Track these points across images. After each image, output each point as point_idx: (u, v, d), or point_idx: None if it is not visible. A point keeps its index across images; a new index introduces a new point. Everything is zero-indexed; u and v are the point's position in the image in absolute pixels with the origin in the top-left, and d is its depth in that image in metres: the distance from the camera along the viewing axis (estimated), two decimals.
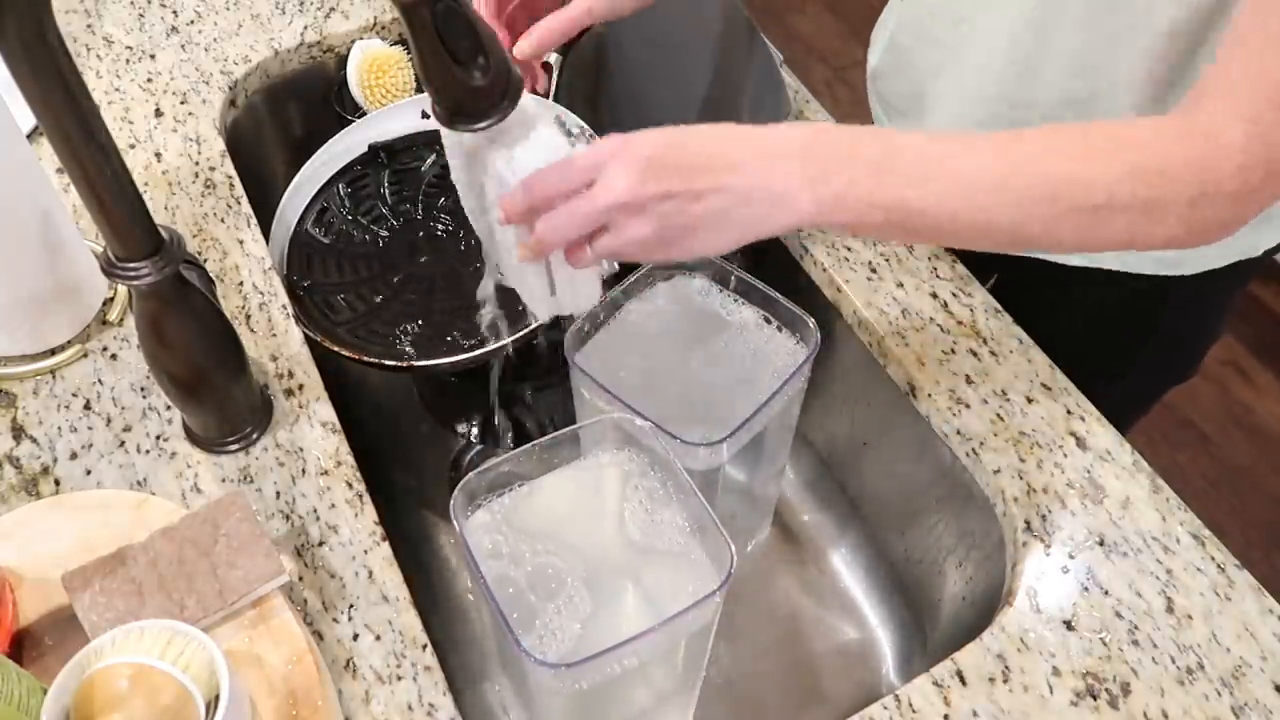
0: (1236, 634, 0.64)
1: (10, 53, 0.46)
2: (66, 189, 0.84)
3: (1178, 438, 1.79)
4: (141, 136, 0.91)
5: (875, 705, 0.61)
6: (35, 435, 0.71)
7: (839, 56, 1.87)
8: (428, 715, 0.59)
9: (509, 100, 0.55)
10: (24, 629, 0.59)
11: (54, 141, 0.50)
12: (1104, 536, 0.68)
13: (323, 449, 0.70)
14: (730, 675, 0.82)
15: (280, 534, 0.66)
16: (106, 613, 0.56)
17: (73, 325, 0.75)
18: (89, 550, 0.59)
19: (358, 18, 1.03)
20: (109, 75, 0.97)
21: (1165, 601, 0.65)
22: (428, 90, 0.55)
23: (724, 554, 0.55)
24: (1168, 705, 0.61)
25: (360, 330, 0.81)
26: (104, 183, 0.52)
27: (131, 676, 0.50)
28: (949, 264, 0.83)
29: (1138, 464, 0.71)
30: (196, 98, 0.95)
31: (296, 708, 0.56)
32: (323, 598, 0.63)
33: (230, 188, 0.87)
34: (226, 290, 0.79)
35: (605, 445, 0.63)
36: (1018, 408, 0.74)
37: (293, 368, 0.75)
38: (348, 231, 0.88)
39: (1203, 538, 0.68)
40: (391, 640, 0.62)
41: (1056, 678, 0.62)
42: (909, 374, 0.77)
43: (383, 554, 0.66)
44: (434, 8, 0.49)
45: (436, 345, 0.79)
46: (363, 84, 0.96)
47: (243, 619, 0.59)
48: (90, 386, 0.73)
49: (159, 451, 0.70)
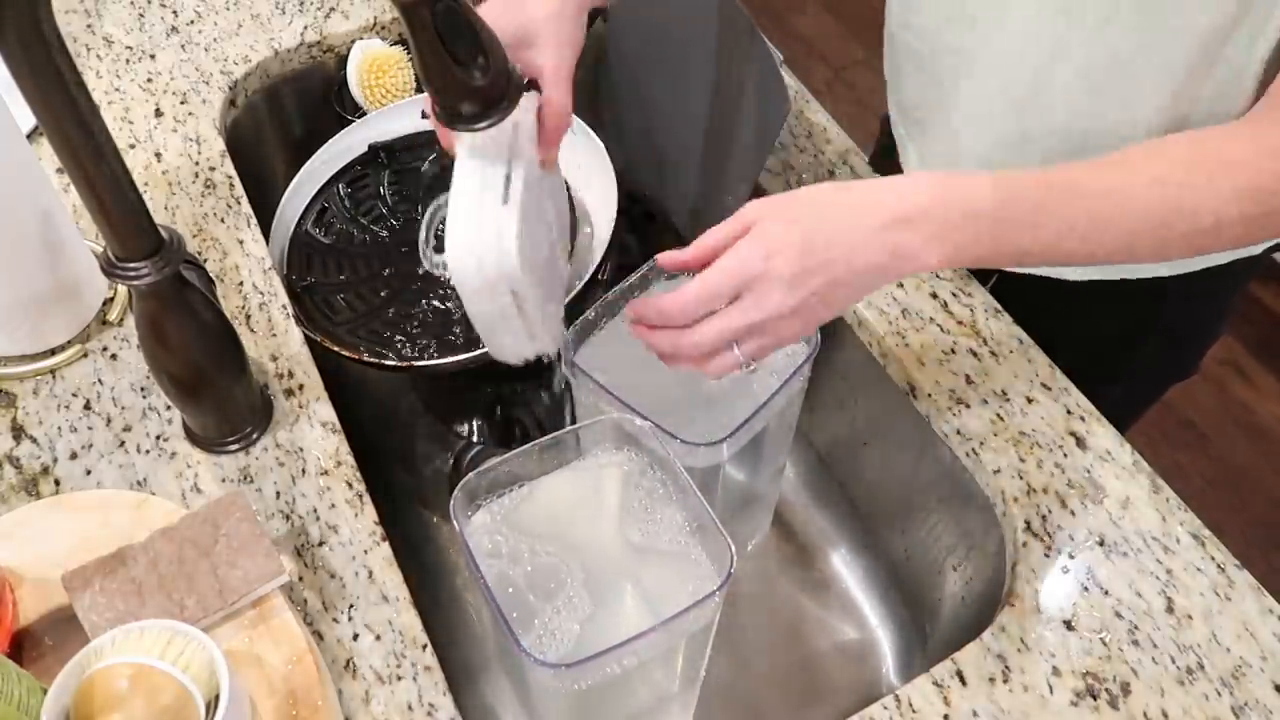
0: (1236, 634, 0.64)
1: (10, 52, 0.46)
2: (66, 189, 0.84)
3: (1178, 438, 1.79)
4: (141, 136, 0.91)
5: (875, 705, 0.61)
6: (35, 435, 0.71)
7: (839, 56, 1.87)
8: (428, 715, 0.59)
9: (509, 100, 0.55)
10: (24, 629, 0.59)
11: (54, 141, 0.50)
12: (1104, 536, 0.68)
13: (323, 449, 0.70)
14: (730, 675, 0.82)
15: (280, 534, 0.66)
16: (106, 613, 0.56)
17: (73, 325, 0.75)
18: (89, 550, 0.59)
19: (358, 18, 1.03)
20: (109, 75, 0.97)
21: (1165, 601, 0.65)
22: (428, 90, 0.55)
23: (724, 554, 0.54)
24: (1168, 705, 0.61)
25: (360, 330, 0.81)
26: (104, 183, 0.52)
27: (131, 676, 0.50)
28: None
29: (1138, 464, 0.71)
30: (196, 98, 0.95)
31: (296, 708, 0.56)
32: (323, 598, 0.63)
33: (230, 188, 0.87)
34: (226, 290, 0.79)
35: (605, 445, 0.63)
36: (1018, 408, 0.74)
37: (293, 368, 0.75)
38: (348, 231, 0.88)
39: (1203, 538, 0.68)
40: (391, 640, 0.62)
41: (1056, 678, 0.62)
42: (909, 374, 0.77)
43: (383, 554, 0.66)
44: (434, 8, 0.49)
45: (436, 345, 0.79)
46: (363, 84, 0.96)
47: (243, 619, 0.59)
48: (90, 386, 0.73)
49: (159, 451, 0.70)
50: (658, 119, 0.94)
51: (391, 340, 0.80)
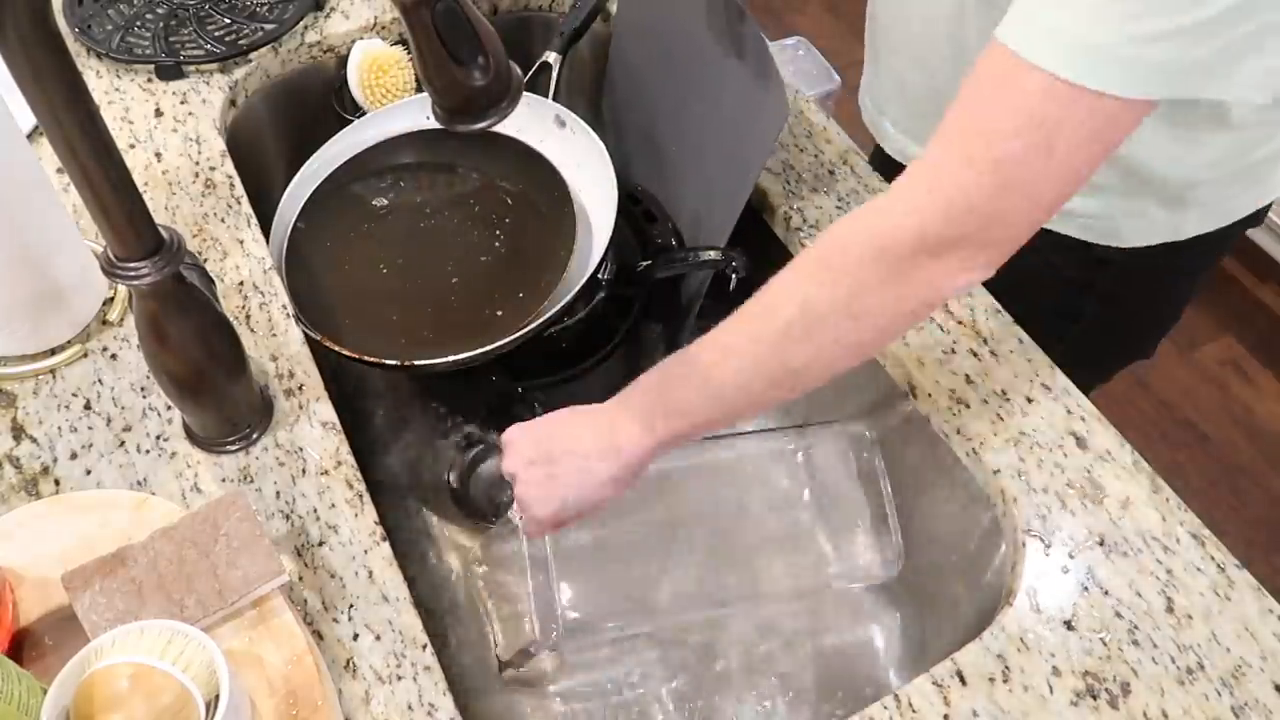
0: (1236, 634, 0.64)
1: (10, 52, 0.46)
2: (66, 189, 0.84)
3: (1178, 438, 1.79)
4: (141, 136, 0.91)
5: (875, 705, 0.61)
6: (35, 435, 0.71)
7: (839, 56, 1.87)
8: (428, 715, 0.59)
9: (509, 100, 0.55)
10: (24, 629, 0.59)
11: (54, 141, 0.50)
12: (1104, 536, 0.68)
13: (323, 449, 0.70)
14: (730, 675, 0.82)
15: (280, 534, 0.66)
16: (106, 613, 0.56)
17: (73, 325, 0.75)
18: (89, 550, 0.59)
19: (358, 18, 1.03)
20: (109, 75, 0.97)
21: (1165, 601, 0.65)
22: (428, 90, 0.55)
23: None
24: (1168, 705, 0.61)
25: (360, 330, 0.81)
26: (104, 183, 0.52)
27: (131, 676, 0.50)
28: None
29: (1138, 464, 0.71)
30: (196, 98, 0.95)
31: (296, 708, 0.56)
32: (323, 598, 0.63)
33: (230, 188, 0.87)
34: (226, 290, 0.79)
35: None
36: (1018, 408, 0.74)
37: (293, 368, 0.75)
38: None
39: (1203, 538, 0.68)
40: (391, 640, 0.62)
41: (1056, 678, 0.62)
42: (909, 374, 0.77)
43: (383, 554, 0.66)
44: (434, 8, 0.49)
45: (436, 345, 0.79)
46: (363, 84, 0.96)
47: (243, 619, 0.59)
48: (90, 386, 0.73)
49: (159, 451, 0.70)
50: (658, 119, 0.94)
51: (391, 340, 0.80)
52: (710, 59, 0.83)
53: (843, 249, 0.58)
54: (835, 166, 0.91)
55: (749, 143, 0.80)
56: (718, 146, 0.85)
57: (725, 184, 0.84)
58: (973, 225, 0.55)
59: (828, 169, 0.91)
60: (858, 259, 0.57)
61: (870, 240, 0.57)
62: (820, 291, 0.58)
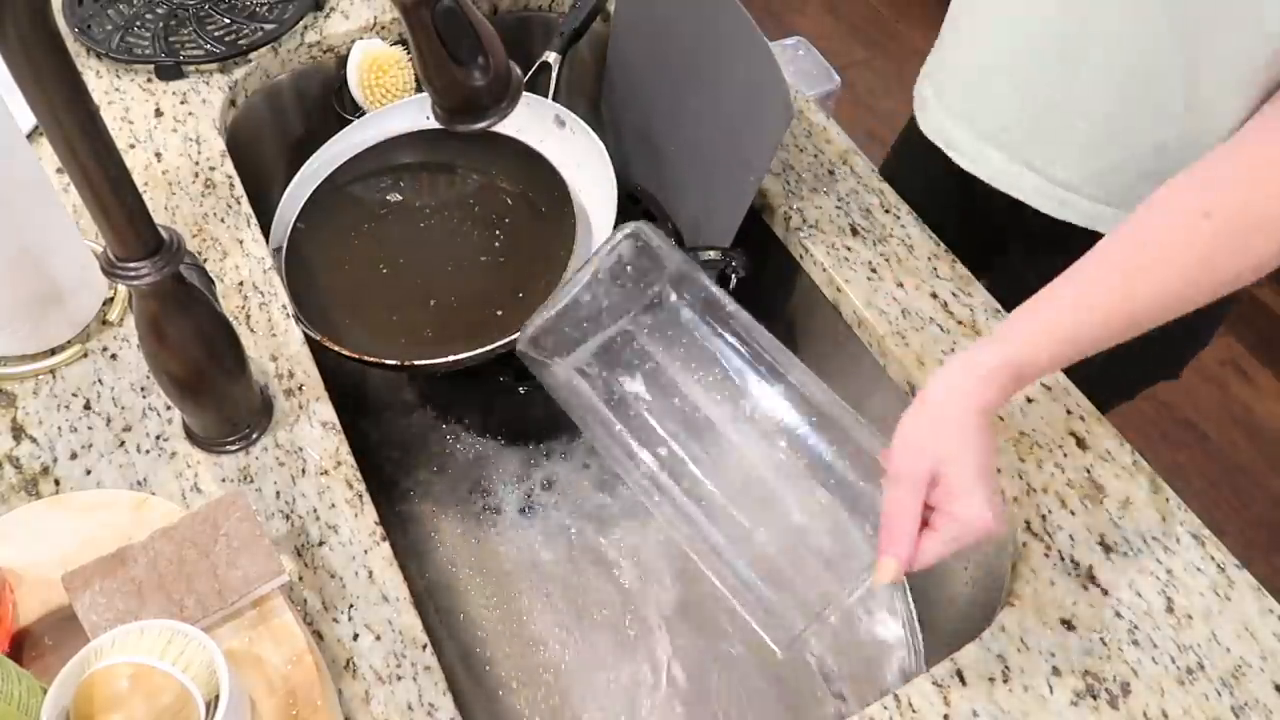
0: (1236, 634, 0.64)
1: (10, 52, 0.46)
2: (66, 189, 0.84)
3: (1178, 438, 1.79)
4: (141, 136, 0.91)
5: (875, 705, 0.61)
6: (35, 435, 0.71)
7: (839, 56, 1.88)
8: (428, 715, 0.59)
9: (509, 100, 0.55)
10: (24, 629, 0.59)
11: (54, 141, 0.50)
12: (1104, 536, 0.68)
13: (323, 449, 0.70)
14: (730, 675, 0.82)
15: (280, 534, 0.66)
16: (106, 613, 0.56)
17: (73, 325, 0.75)
18: (89, 550, 0.59)
19: (358, 18, 1.03)
20: (109, 75, 0.97)
21: (1165, 601, 0.65)
22: (428, 90, 0.55)
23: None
24: (1168, 705, 0.61)
25: (360, 330, 0.81)
26: (104, 183, 0.52)
27: (131, 676, 0.50)
28: (949, 264, 0.83)
29: (1138, 464, 0.71)
30: (196, 98, 0.95)
31: (296, 708, 0.56)
32: (323, 598, 0.64)
33: (230, 188, 0.87)
34: (226, 290, 0.79)
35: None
36: (1018, 408, 0.74)
37: (293, 368, 0.75)
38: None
39: (1203, 538, 0.68)
40: (391, 640, 0.62)
41: (1056, 678, 0.62)
42: (909, 374, 0.77)
43: (383, 554, 0.66)
44: (434, 8, 0.49)
45: (436, 345, 0.79)
46: (363, 84, 0.96)
47: (243, 619, 0.59)
48: (90, 386, 0.73)
49: (159, 451, 0.70)
50: (658, 119, 0.94)
51: (391, 340, 0.80)
52: (710, 59, 0.83)
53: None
54: (835, 166, 0.91)
55: (751, 143, 0.80)
56: (719, 147, 0.85)
57: (727, 184, 0.84)
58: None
59: (828, 169, 0.91)
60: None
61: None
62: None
